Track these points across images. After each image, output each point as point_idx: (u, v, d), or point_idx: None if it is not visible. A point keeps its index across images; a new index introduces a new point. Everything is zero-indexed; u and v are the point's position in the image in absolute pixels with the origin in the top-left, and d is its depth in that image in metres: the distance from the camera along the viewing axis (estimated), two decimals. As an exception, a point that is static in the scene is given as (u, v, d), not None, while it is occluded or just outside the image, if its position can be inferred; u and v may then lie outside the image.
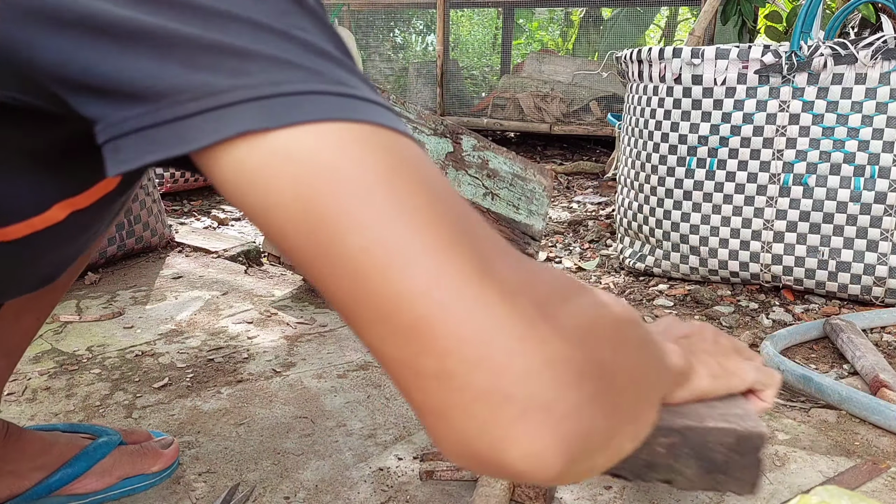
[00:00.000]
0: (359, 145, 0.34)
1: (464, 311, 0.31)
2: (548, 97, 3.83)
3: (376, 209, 0.32)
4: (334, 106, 0.35)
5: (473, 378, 0.30)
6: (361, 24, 4.92)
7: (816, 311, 1.49)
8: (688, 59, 1.53)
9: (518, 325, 0.31)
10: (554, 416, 0.31)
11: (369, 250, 0.32)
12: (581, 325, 0.34)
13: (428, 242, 0.32)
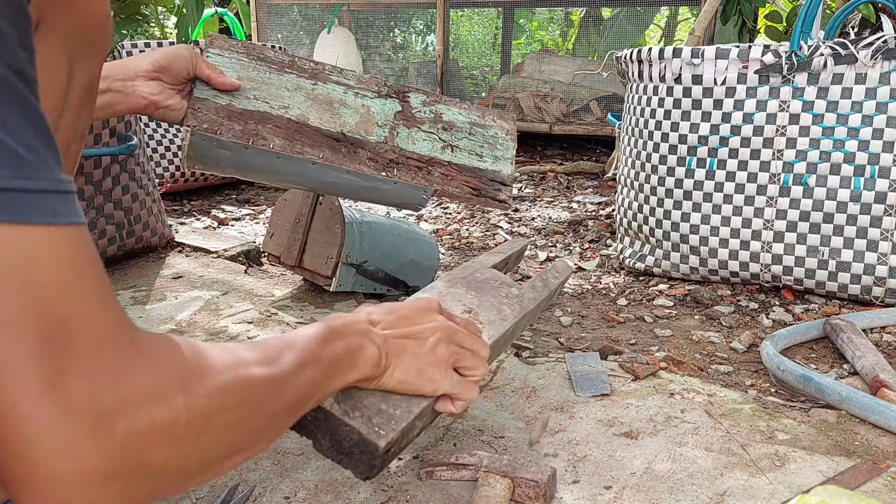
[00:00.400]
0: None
1: (18, 422, 0.37)
2: (548, 97, 3.83)
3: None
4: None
5: (12, 466, 0.38)
6: (361, 24, 4.92)
7: (816, 311, 1.49)
8: (688, 59, 1.53)
9: (57, 442, 0.38)
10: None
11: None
12: (142, 432, 0.41)
13: (3, 357, 0.37)
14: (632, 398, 1.06)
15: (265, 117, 1.09)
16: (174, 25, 2.79)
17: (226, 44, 1.14)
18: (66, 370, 0.39)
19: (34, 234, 0.39)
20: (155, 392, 0.43)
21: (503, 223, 2.31)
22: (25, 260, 0.39)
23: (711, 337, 1.36)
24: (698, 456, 0.91)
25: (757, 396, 1.09)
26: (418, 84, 4.27)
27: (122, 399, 0.41)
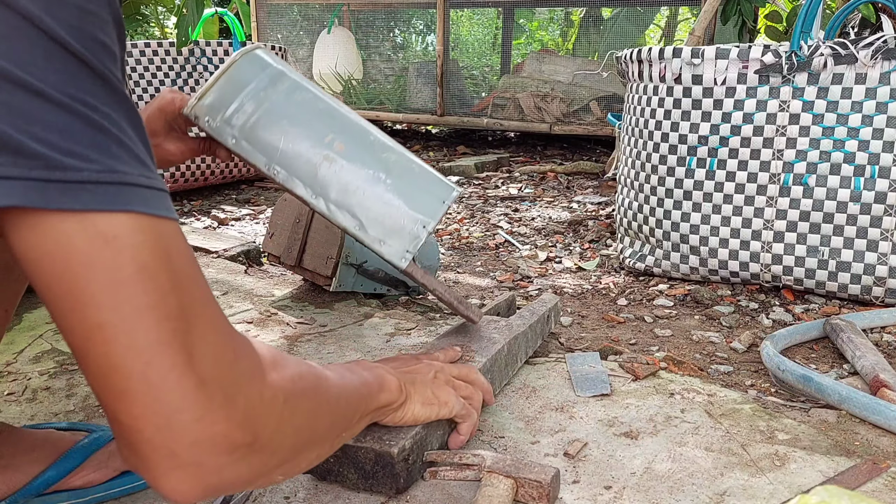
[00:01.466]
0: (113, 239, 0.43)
1: (161, 393, 0.43)
2: (548, 97, 3.83)
3: (115, 301, 0.42)
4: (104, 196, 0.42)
5: (156, 436, 0.44)
6: (361, 24, 4.92)
7: (816, 311, 1.49)
8: (688, 58, 1.53)
9: (198, 410, 0.44)
10: (201, 472, 0.45)
11: (103, 328, 0.42)
12: (255, 406, 0.48)
13: (148, 336, 0.43)
14: (632, 398, 1.06)
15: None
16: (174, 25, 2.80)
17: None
18: (196, 348, 0.45)
19: (165, 226, 0.46)
20: (259, 370, 0.50)
21: (503, 223, 2.31)
22: (164, 249, 0.45)
23: (711, 337, 1.36)
24: (698, 456, 0.91)
25: (757, 396, 1.09)
26: (418, 84, 4.27)
27: (239, 375, 0.48)
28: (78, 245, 0.42)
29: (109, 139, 0.43)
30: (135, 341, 0.43)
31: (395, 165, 1.05)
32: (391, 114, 4.23)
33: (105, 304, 0.42)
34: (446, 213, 2.46)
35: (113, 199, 0.42)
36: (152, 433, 0.43)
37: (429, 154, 3.88)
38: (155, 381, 0.43)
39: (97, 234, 0.42)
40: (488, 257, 1.94)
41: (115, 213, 0.43)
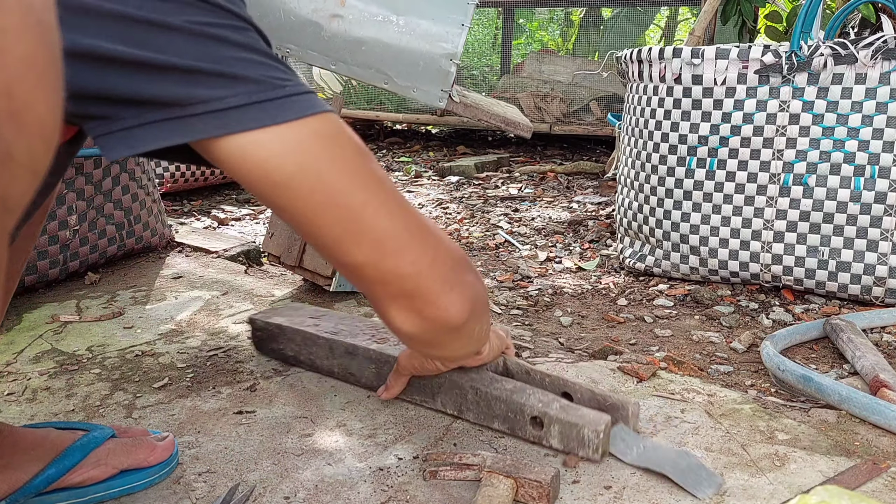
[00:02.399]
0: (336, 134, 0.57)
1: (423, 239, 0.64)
2: (548, 97, 3.83)
3: (364, 182, 0.57)
4: (307, 103, 0.55)
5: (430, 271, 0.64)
6: (361, 24, 4.92)
7: (816, 311, 1.49)
8: (688, 59, 1.53)
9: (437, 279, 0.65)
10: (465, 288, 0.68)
11: (367, 205, 0.57)
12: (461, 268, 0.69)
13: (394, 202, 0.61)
14: (632, 398, 1.06)
15: None
16: (174, 25, 2.78)
17: None
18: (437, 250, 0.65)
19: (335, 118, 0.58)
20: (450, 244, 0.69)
21: (503, 223, 2.31)
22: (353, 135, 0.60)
23: (711, 337, 1.36)
24: (698, 456, 0.91)
25: (757, 396, 1.09)
26: (418, 84, 4.27)
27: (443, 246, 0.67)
28: (312, 148, 0.53)
29: (278, 63, 0.55)
30: (390, 207, 0.58)
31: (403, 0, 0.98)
32: (391, 114, 4.23)
33: (357, 188, 0.56)
34: (446, 214, 2.46)
35: (315, 104, 0.54)
36: (427, 269, 0.61)
37: (429, 154, 3.88)
38: (416, 232, 0.61)
39: (322, 134, 0.54)
40: (488, 257, 1.94)
41: (322, 115, 0.54)
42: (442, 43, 0.97)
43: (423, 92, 1.01)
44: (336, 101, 1.44)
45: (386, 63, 0.99)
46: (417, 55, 0.98)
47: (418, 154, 3.89)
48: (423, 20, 0.97)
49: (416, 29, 0.97)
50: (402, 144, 4.23)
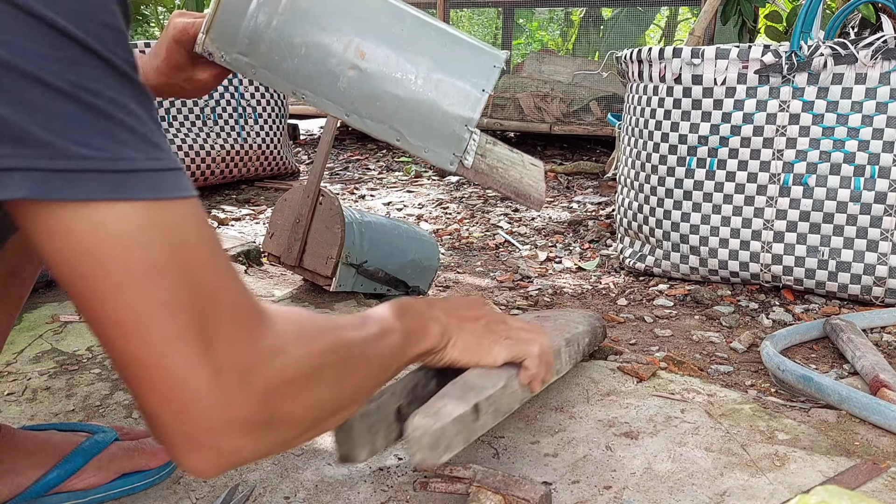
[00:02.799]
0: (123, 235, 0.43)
1: (176, 384, 0.45)
2: (548, 97, 3.83)
3: (127, 298, 0.43)
4: (110, 184, 0.42)
5: (174, 422, 0.46)
6: (361, 24, 4.92)
7: (816, 311, 1.49)
8: (688, 59, 1.53)
9: (212, 399, 0.45)
10: (218, 453, 0.47)
11: (119, 324, 0.44)
12: (275, 385, 0.49)
13: (161, 332, 0.44)
14: (632, 398, 1.06)
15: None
16: (174, 25, 2.79)
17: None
18: (214, 337, 0.46)
19: (178, 209, 0.45)
20: (280, 350, 0.50)
21: (503, 223, 2.31)
22: (176, 239, 0.45)
23: (711, 337, 1.36)
24: (698, 456, 0.91)
25: (757, 396, 1.09)
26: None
27: (258, 357, 0.48)
28: (88, 239, 0.42)
29: (115, 124, 0.42)
30: (149, 337, 0.44)
31: (424, 57, 0.93)
32: (391, 114, 4.23)
33: (119, 301, 0.43)
34: (446, 214, 2.46)
35: (120, 188, 0.42)
36: (171, 419, 0.46)
37: (429, 154, 3.88)
38: (169, 373, 0.44)
39: (106, 228, 0.42)
40: (488, 257, 1.94)
41: (124, 203, 0.42)
42: (459, 107, 0.93)
43: (435, 153, 0.96)
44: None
45: (399, 120, 0.95)
46: (432, 116, 0.94)
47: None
48: (443, 81, 0.93)
49: (434, 89, 0.93)
50: (402, 144, 4.23)
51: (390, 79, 0.94)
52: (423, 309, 0.76)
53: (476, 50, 0.94)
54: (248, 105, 2.81)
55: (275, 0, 0.91)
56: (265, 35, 0.92)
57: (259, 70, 0.94)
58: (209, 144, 2.70)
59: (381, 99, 0.94)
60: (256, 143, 2.84)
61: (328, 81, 0.94)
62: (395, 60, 0.94)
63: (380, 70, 0.93)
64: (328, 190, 1.57)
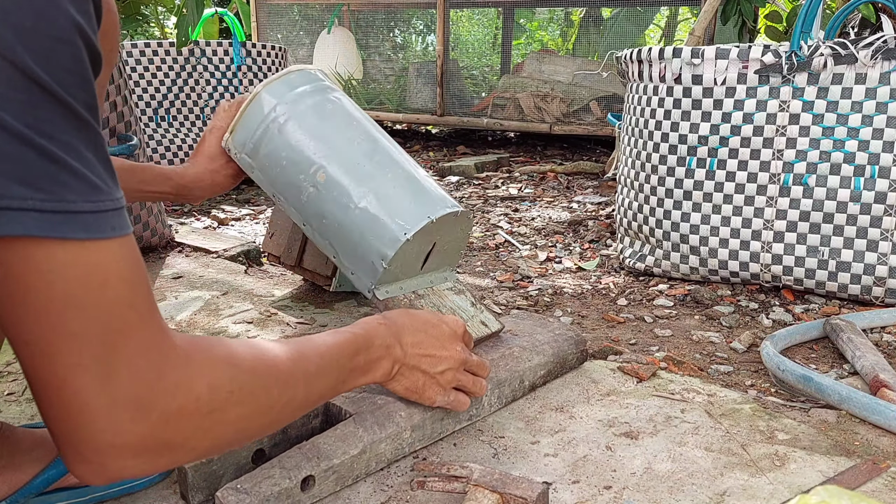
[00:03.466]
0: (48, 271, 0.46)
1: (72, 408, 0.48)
2: (548, 97, 3.82)
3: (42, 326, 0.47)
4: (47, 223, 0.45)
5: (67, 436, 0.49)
6: (361, 24, 4.92)
7: (816, 311, 1.49)
8: (688, 59, 1.53)
9: (104, 425, 0.49)
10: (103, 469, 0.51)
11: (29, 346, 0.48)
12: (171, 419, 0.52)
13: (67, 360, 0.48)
14: (632, 398, 1.06)
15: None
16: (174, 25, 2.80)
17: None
18: (118, 370, 0.49)
19: (105, 249, 0.48)
20: (186, 387, 0.53)
21: (503, 223, 2.31)
22: (97, 277, 0.48)
23: (711, 337, 1.36)
24: (698, 456, 0.91)
25: (757, 396, 1.09)
26: (418, 84, 4.27)
27: (159, 392, 0.51)
28: (17, 270, 0.46)
29: (60, 168, 0.46)
30: (54, 363, 0.48)
31: (370, 193, 1.06)
32: (391, 114, 4.23)
33: (34, 327, 0.47)
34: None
35: (54, 227, 0.45)
36: (63, 433, 0.49)
37: (429, 154, 3.88)
38: (68, 396, 0.48)
39: (36, 262, 0.46)
40: (488, 257, 1.94)
41: (54, 241, 0.46)
42: (379, 242, 1.03)
43: (358, 278, 1.08)
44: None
45: (336, 240, 1.07)
46: (358, 244, 1.05)
47: (418, 154, 3.89)
48: (376, 217, 1.04)
49: (366, 221, 1.04)
50: (402, 144, 4.23)
51: (337, 203, 1.07)
52: (387, 344, 0.80)
53: (420, 197, 1.07)
54: (248, 105, 2.81)
55: (275, 120, 1.09)
56: (263, 145, 1.11)
57: (255, 171, 1.14)
58: (209, 144, 2.69)
59: (327, 218, 1.08)
60: (256, 143, 2.83)
61: (294, 193, 1.11)
62: (345, 189, 1.07)
63: (331, 194, 1.07)
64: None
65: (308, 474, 0.79)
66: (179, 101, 2.67)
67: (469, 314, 1.08)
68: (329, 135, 1.09)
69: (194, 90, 2.68)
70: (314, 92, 1.13)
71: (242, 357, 0.59)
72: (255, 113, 1.11)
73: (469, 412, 0.96)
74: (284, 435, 0.87)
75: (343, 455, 0.82)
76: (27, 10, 0.44)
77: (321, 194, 1.08)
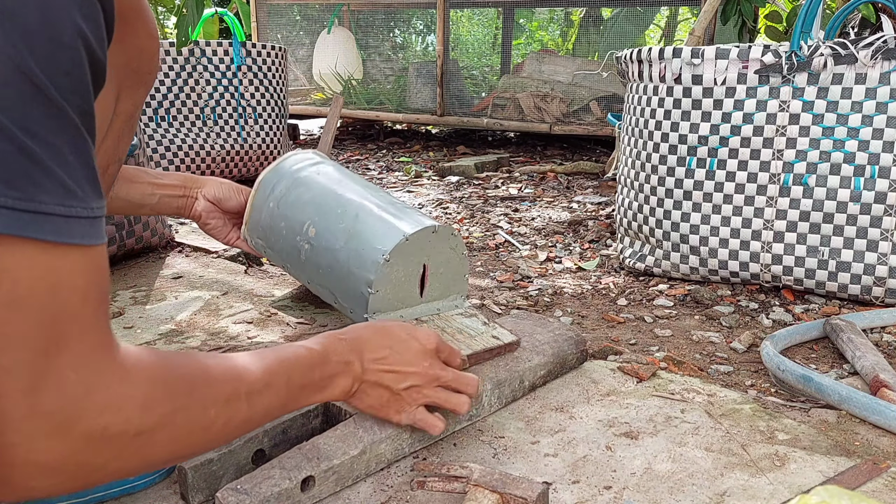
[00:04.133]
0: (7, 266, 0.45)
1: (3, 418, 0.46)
2: (548, 97, 3.82)
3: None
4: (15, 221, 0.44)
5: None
6: (361, 24, 4.92)
7: (816, 311, 1.49)
8: (688, 59, 1.53)
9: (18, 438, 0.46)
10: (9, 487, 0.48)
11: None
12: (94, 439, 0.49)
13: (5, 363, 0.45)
14: (632, 398, 1.06)
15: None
16: (174, 25, 2.80)
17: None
18: (47, 380, 0.47)
19: (67, 256, 0.47)
20: (116, 406, 0.50)
21: (503, 223, 2.31)
22: (51, 282, 0.47)
23: (711, 337, 1.36)
24: (698, 456, 0.91)
25: (757, 396, 1.09)
26: (418, 84, 4.27)
27: (86, 409, 0.48)
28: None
29: (38, 168, 0.45)
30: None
31: (344, 231, 1.13)
32: (391, 114, 4.23)
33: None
34: (446, 214, 2.45)
35: (21, 226, 0.45)
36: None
37: (429, 154, 3.88)
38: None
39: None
40: (488, 257, 1.94)
41: (17, 239, 0.45)
42: (363, 271, 1.09)
43: (356, 314, 1.13)
44: (336, 101, 1.45)
45: (333, 284, 1.13)
46: (347, 279, 1.11)
47: (418, 154, 3.89)
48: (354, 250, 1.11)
49: (350, 256, 1.11)
50: (402, 144, 4.23)
51: (327, 249, 1.14)
52: (346, 360, 0.77)
53: (396, 221, 1.11)
54: (248, 105, 2.81)
55: (274, 200, 1.22)
56: (266, 222, 1.22)
57: (267, 250, 1.25)
58: (209, 144, 2.70)
59: (322, 267, 1.15)
60: (256, 143, 2.84)
61: (295, 255, 1.19)
62: (331, 233, 1.14)
63: (321, 244, 1.15)
64: (328, 190, 1.57)
65: (308, 475, 0.78)
66: (179, 101, 2.67)
67: (478, 331, 1.08)
68: (316, 195, 1.19)
69: (194, 90, 2.68)
70: (303, 167, 1.25)
71: (183, 375, 0.57)
72: (259, 200, 1.24)
73: (469, 413, 0.96)
74: (284, 435, 0.87)
75: (343, 455, 0.82)
76: (33, 12, 0.45)
77: (315, 248, 1.16)
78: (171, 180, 1.24)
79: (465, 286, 1.19)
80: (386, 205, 1.16)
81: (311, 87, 4.92)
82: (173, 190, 1.23)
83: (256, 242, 1.27)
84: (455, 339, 1.04)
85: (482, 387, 0.98)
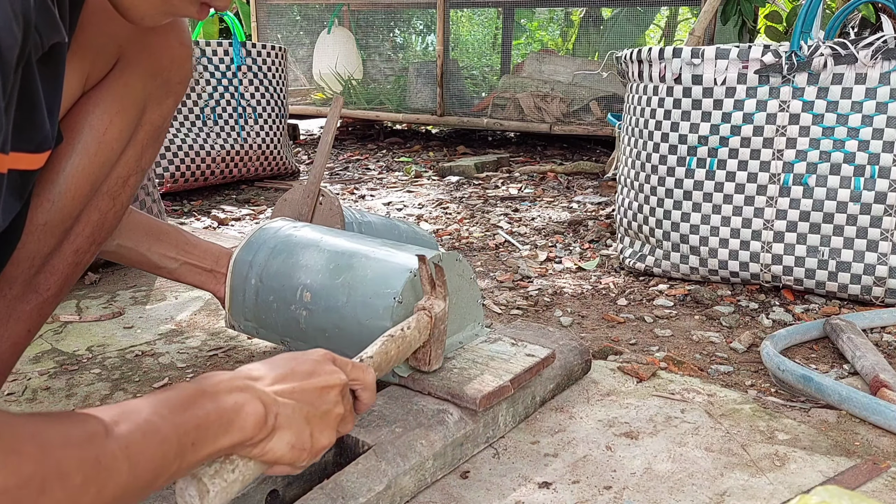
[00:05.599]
0: None
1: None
2: (548, 97, 3.82)
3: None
4: None
5: None
6: (361, 24, 4.92)
7: (816, 311, 1.49)
8: (688, 59, 1.53)
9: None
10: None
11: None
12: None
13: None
14: (632, 398, 1.06)
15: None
16: (174, 25, 2.79)
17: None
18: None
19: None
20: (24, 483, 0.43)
21: (503, 223, 2.31)
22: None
23: (711, 337, 1.36)
24: (698, 456, 0.91)
25: (757, 396, 1.09)
26: (418, 84, 4.27)
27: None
28: None
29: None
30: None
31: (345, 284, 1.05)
32: (391, 114, 4.23)
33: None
34: (446, 214, 2.45)
35: None
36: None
37: (429, 154, 3.88)
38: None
39: None
40: (488, 257, 1.94)
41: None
42: (376, 320, 1.00)
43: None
44: (336, 101, 1.44)
45: (343, 342, 1.04)
46: (359, 332, 1.02)
47: (418, 154, 3.88)
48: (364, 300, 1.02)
49: (357, 308, 1.02)
50: (402, 144, 4.23)
51: (329, 310, 1.05)
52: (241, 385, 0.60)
53: (396, 260, 1.03)
54: (248, 105, 2.81)
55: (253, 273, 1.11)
56: (251, 301, 1.12)
57: (259, 330, 1.13)
58: (209, 144, 2.70)
59: (328, 329, 1.06)
60: (256, 143, 2.84)
61: (294, 326, 1.09)
62: (330, 292, 1.05)
63: (320, 306, 1.06)
64: (328, 190, 1.57)
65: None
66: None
67: (511, 354, 1.03)
68: (300, 259, 1.09)
69: (194, 90, 2.68)
70: (275, 235, 1.14)
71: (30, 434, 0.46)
72: (237, 280, 1.12)
73: (486, 434, 0.93)
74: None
75: (368, 493, 0.76)
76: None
77: (313, 312, 1.06)
78: (201, 252, 1.13)
79: (480, 313, 1.12)
80: (377, 247, 1.08)
81: (311, 87, 4.92)
82: (201, 262, 1.13)
83: (245, 325, 1.14)
84: (490, 368, 0.98)
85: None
